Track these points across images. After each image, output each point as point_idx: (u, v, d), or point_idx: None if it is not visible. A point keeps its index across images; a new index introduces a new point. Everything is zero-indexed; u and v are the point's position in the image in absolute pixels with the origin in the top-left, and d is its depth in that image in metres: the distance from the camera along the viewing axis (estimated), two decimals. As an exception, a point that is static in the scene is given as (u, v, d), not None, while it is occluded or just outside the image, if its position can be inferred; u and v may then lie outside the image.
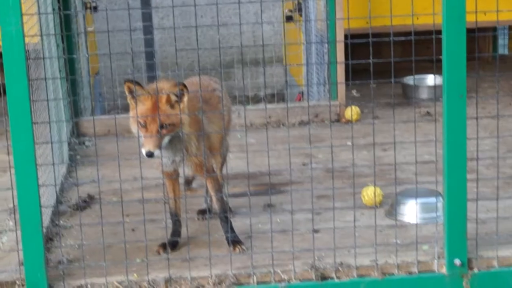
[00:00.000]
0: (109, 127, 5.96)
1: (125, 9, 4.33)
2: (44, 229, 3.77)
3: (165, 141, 3.83)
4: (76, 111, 6.24)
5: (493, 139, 4.91)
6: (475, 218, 3.81)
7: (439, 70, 3.72)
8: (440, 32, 3.60)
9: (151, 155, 3.75)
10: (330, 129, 5.83)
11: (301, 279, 3.78)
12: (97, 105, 7.36)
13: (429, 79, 7.22)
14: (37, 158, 3.57)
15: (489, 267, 3.81)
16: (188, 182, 4.92)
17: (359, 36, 3.85)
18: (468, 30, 3.59)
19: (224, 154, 4.55)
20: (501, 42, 8.64)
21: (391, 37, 3.71)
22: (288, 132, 5.37)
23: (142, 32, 8.23)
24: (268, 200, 4.53)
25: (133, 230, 4.32)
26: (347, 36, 4.03)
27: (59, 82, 5.31)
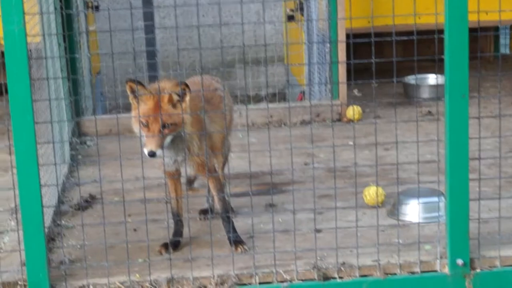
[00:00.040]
0: (111, 126, 5.96)
1: (127, 8, 4.33)
2: (46, 229, 3.76)
3: (167, 140, 3.82)
4: (77, 111, 6.24)
5: (495, 139, 4.92)
6: (477, 218, 3.81)
7: (440, 70, 3.72)
8: (441, 31, 3.60)
9: (153, 154, 3.74)
10: (332, 129, 5.82)
11: (303, 279, 3.78)
12: (99, 104, 7.35)
13: (430, 79, 7.22)
14: (38, 158, 3.57)
15: (491, 267, 3.81)
16: (190, 182, 4.92)
17: (360, 36, 3.84)
18: (469, 30, 3.58)
19: (226, 153, 4.54)
20: (502, 41, 8.64)
21: (393, 37, 3.70)
22: (289, 132, 5.37)
23: (143, 32, 8.22)
24: (270, 200, 4.52)
25: (135, 230, 4.31)
26: (348, 36, 4.03)
27: (60, 81, 5.30)
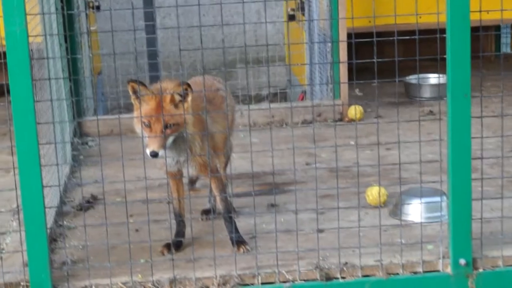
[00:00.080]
0: (112, 127, 5.95)
1: (128, 8, 4.32)
2: (48, 230, 3.76)
3: (169, 141, 3.82)
4: (79, 111, 6.23)
5: (497, 138, 4.90)
6: (479, 218, 3.80)
7: (442, 69, 3.71)
8: (443, 30, 3.60)
9: (155, 155, 3.74)
10: (334, 129, 5.82)
11: (305, 279, 3.77)
12: (100, 105, 7.35)
13: (431, 78, 7.21)
14: (40, 159, 3.56)
15: (494, 266, 3.81)
16: (192, 182, 4.91)
17: (362, 35, 3.84)
18: (471, 29, 3.58)
19: (228, 154, 4.54)
20: (503, 40, 8.63)
21: (395, 36, 3.70)
22: (291, 132, 5.36)
23: (144, 32, 8.22)
24: (272, 200, 4.52)
25: (137, 230, 4.31)
26: (350, 35, 4.02)
27: (62, 82, 5.30)
